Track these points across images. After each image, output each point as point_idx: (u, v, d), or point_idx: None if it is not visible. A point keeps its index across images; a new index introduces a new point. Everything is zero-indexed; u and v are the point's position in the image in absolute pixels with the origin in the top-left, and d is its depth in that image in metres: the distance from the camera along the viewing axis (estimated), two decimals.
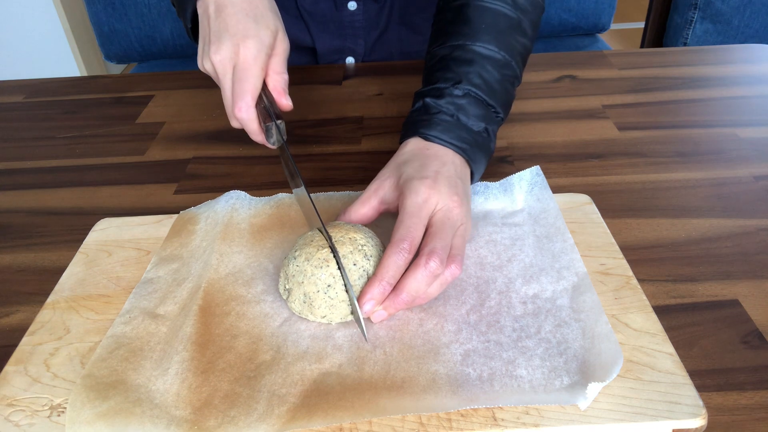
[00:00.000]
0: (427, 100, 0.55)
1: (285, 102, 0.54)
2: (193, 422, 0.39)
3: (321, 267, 0.45)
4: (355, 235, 0.46)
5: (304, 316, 0.46)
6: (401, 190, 0.49)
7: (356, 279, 0.45)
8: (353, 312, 0.45)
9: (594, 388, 0.38)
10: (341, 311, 0.45)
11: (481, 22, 0.57)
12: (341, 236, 0.46)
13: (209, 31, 0.54)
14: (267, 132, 0.53)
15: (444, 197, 0.48)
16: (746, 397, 0.41)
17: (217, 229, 0.55)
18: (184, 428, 0.39)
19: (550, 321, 0.45)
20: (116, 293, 0.50)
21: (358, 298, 0.44)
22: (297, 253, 0.46)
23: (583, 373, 0.40)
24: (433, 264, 0.44)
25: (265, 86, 0.55)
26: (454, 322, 0.45)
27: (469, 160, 0.54)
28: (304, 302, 0.45)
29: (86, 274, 0.52)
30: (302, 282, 0.45)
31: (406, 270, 0.44)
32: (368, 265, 0.45)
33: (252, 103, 0.52)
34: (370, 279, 0.45)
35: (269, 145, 0.55)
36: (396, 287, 0.44)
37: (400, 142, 0.56)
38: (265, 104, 0.54)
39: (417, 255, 0.45)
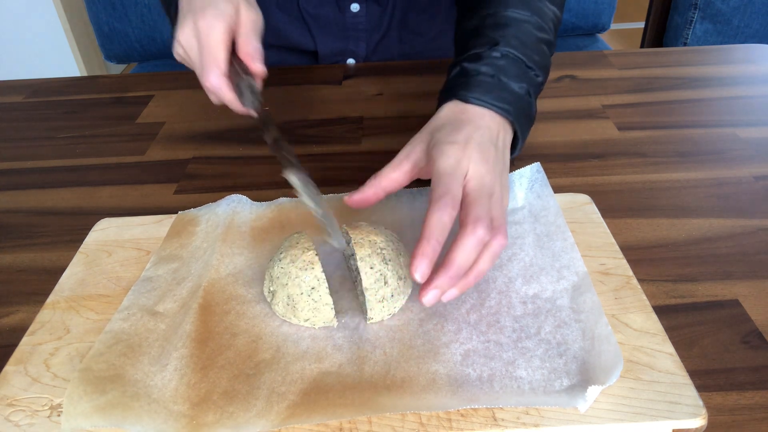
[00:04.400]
0: (465, 64, 0.53)
1: (257, 66, 0.53)
2: (191, 417, 0.39)
3: (305, 269, 0.44)
4: (375, 238, 0.46)
5: (287, 319, 0.45)
6: (431, 155, 0.47)
7: (372, 283, 0.44)
8: (318, 216, 0.45)
9: (593, 391, 0.38)
10: (324, 315, 0.44)
11: None
12: (361, 238, 0.46)
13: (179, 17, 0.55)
14: (240, 94, 0.52)
15: (475, 162, 0.45)
16: (746, 397, 0.41)
17: (218, 231, 0.55)
18: (181, 423, 0.39)
19: (550, 321, 0.45)
20: (116, 293, 0.50)
21: (411, 262, 0.41)
22: (282, 255, 0.46)
23: (583, 375, 0.40)
24: (481, 231, 0.41)
25: (239, 58, 0.54)
26: (454, 322, 0.45)
27: (513, 122, 0.52)
28: (288, 304, 0.44)
29: (86, 274, 0.52)
30: (286, 284, 0.44)
31: (453, 243, 0.41)
32: (386, 270, 0.44)
33: (219, 72, 0.51)
34: (417, 241, 0.41)
35: (252, 113, 0.53)
36: (445, 262, 0.41)
37: (438, 107, 0.54)
38: (242, 77, 0.53)
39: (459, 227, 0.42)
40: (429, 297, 0.41)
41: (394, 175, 0.49)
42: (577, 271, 0.48)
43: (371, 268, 0.44)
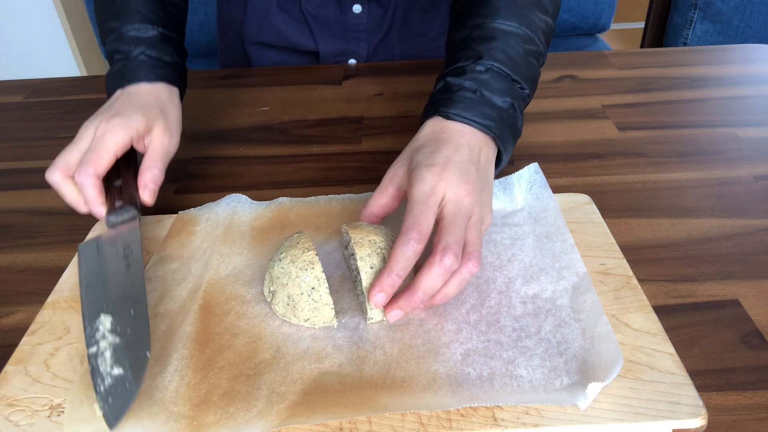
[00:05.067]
0: (448, 79, 0.53)
1: (145, 197, 0.53)
2: (191, 418, 0.39)
3: (305, 269, 0.44)
4: (375, 238, 0.46)
5: (287, 319, 0.45)
6: (410, 179, 0.47)
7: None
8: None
9: (594, 389, 0.38)
10: (324, 315, 0.44)
11: (500, 1, 0.55)
12: (361, 238, 0.46)
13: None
14: (111, 201, 0.53)
15: (453, 185, 0.46)
16: (746, 397, 0.41)
17: (217, 231, 0.55)
18: (182, 424, 0.39)
19: (550, 321, 0.45)
20: None
21: (369, 291, 0.43)
22: (282, 255, 0.46)
23: (583, 373, 0.40)
24: (448, 261, 0.42)
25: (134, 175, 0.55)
26: (454, 322, 0.45)
27: (496, 138, 0.51)
28: (288, 304, 0.44)
29: None
30: (286, 284, 0.44)
31: (421, 268, 0.43)
32: None
33: (93, 172, 0.51)
34: (379, 272, 0.44)
35: (103, 220, 0.52)
36: (411, 286, 0.43)
37: (422, 123, 0.54)
38: (125, 190, 0.54)
39: (430, 252, 0.44)
40: (392, 315, 0.44)
41: (382, 202, 0.50)
42: (577, 271, 0.48)
43: (371, 267, 0.44)
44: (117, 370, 0.40)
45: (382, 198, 0.50)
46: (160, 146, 0.55)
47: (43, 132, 0.78)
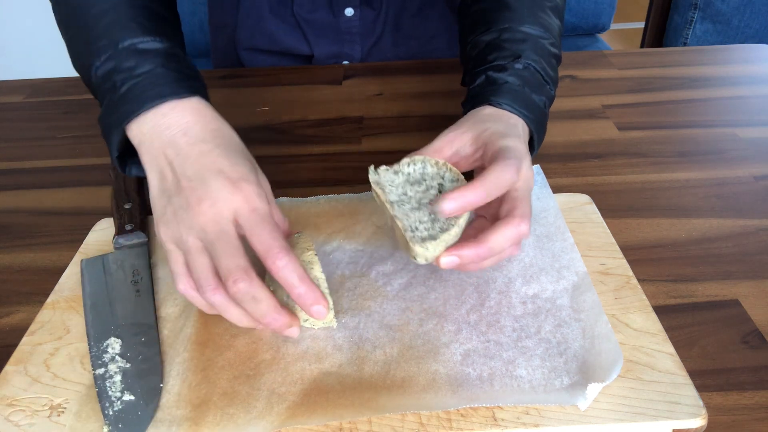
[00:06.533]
0: (491, 73, 0.54)
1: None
2: (192, 420, 0.39)
3: (305, 269, 0.44)
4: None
5: None
6: (494, 147, 0.46)
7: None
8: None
9: (594, 389, 0.38)
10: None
11: (522, 6, 0.57)
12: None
13: (173, 175, 0.43)
14: (122, 233, 0.46)
15: (526, 164, 0.46)
16: (746, 397, 0.41)
17: None
18: (184, 427, 0.39)
19: (550, 321, 0.45)
20: None
21: (448, 249, 0.42)
22: None
23: (583, 373, 0.40)
24: (524, 228, 0.42)
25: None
26: (453, 322, 0.45)
27: (533, 132, 0.52)
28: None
29: None
30: None
31: (496, 227, 0.42)
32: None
33: (255, 278, 0.40)
34: (470, 241, 0.42)
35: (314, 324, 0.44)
36: (480, 239, 0.42)
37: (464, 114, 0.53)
38: (135, 214, 0.51)
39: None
40: (447, 261, 0.42)
41: (447, 152, 0.48)
42: (576, 270, 0.48)
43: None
44: (128, 396, 0.40)
45: (436, 156, 0.47)
46: (270, 193, 0.46)
47: (43, 132, 0.78)
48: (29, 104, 0.85)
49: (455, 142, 0.48)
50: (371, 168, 0.46)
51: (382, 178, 0.46)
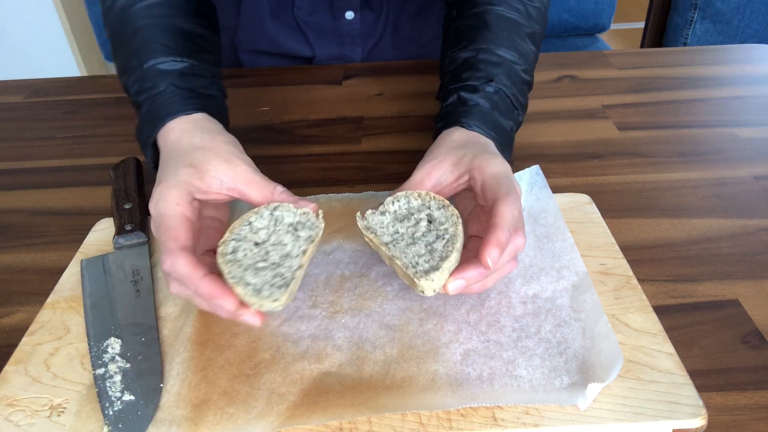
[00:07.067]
0: (462, 93, 0.55)
1: (304, 204, 0.46)
2: (192, 420, 0.39)
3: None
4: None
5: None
6: (484, 175, 0.45)
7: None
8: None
9: (594, 389, 0.38)
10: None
11: (501, 29, 0.58)
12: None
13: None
14: (122, 233, 0.46)
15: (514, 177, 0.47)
16: (746, 397, 0.41)
17: None
18: (183, 427, 0.39)
19: (550, 321, 0.45)
20: None
21: (452, 273, 0.42)
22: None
23: (583, 373, 0.40)
24: (520, 240, 0.42)
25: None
26: (453, 322, 0.45)
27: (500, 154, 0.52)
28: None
29: None
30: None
31: (493, 244, 0.41)
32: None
33: (181, 254, 0.40)
34: (469, 260, 0.42)
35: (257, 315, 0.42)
36: (481, 258, 0.41)
37: (435, 136, 0.54)
38: (135, 214, 0.51)
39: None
40: (455, 286, 0.41)
41: (428, 184, 0.48)
42: (576, 271, 0.48)
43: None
44: (128, 396, 0.40)
45: (418, 186, 0.48)
46: (242, 170, 0.46)
47: (43, 132, 0.78)
48: (29, 104, 0.85)
49: (434, 173, 0.48)
50: (358, 215, 0.46)
51: (371, 222, 0.46)
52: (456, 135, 0.52)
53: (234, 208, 0.56)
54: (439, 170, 0.48)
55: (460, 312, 0.46)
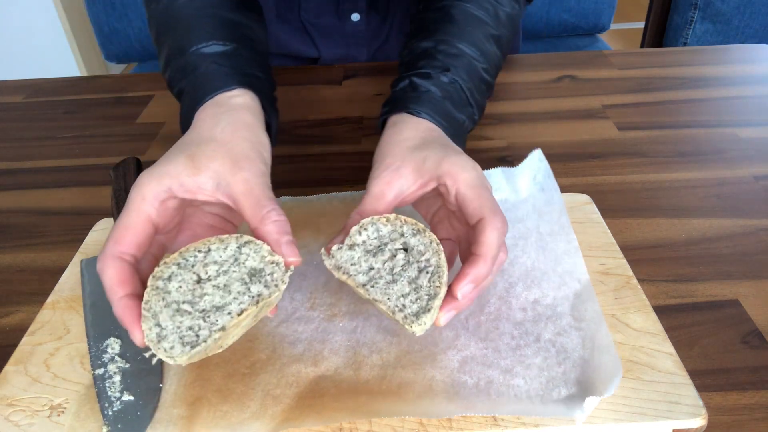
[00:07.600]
0: (415, 79, 0.52)
1: (287, 253, 0.39)
2: (187, 418, 0.39)
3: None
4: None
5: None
6: (451, 176, 0.42)
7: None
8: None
9: (591, 402, 0.37)
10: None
11: (466, 24, 0.56)
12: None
13: None
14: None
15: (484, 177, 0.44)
16: (746, 397, 0.41)
17: None
18: (179, 426, 0.39)
19: (550, 329, 0.44)
20: None
21: (440, 308, 0.39)
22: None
23: (581, 385, 0.40)
24: (503, 256, 0.41)
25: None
26: (452, 328, 0.45)
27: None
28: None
29: None
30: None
31: (478, 262, 0.39)
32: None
33: (111, 263, 0.37)
34: (447, 294, 0.39)
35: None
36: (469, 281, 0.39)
37: (382, 120, 0.51)
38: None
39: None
40: (446, 318, 0.39)
41: (382, 211, 0.43)
42: (579, 278, 0.48)
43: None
44: (127, 397, 0.40)
45: (381, 207, 0.43)
46: (253, 177, 0.42)
47: (43, 132, 0.78)
48: (29, 104, 0.85)
49: (394, 183, 0.43)
50: (322, 252, 0.41)
51: (339, 259, 0.40)
52: (407, 132, 0.47)
53: None
54: (398, 178, 0.43)
55: (459, 318, 0.45)
